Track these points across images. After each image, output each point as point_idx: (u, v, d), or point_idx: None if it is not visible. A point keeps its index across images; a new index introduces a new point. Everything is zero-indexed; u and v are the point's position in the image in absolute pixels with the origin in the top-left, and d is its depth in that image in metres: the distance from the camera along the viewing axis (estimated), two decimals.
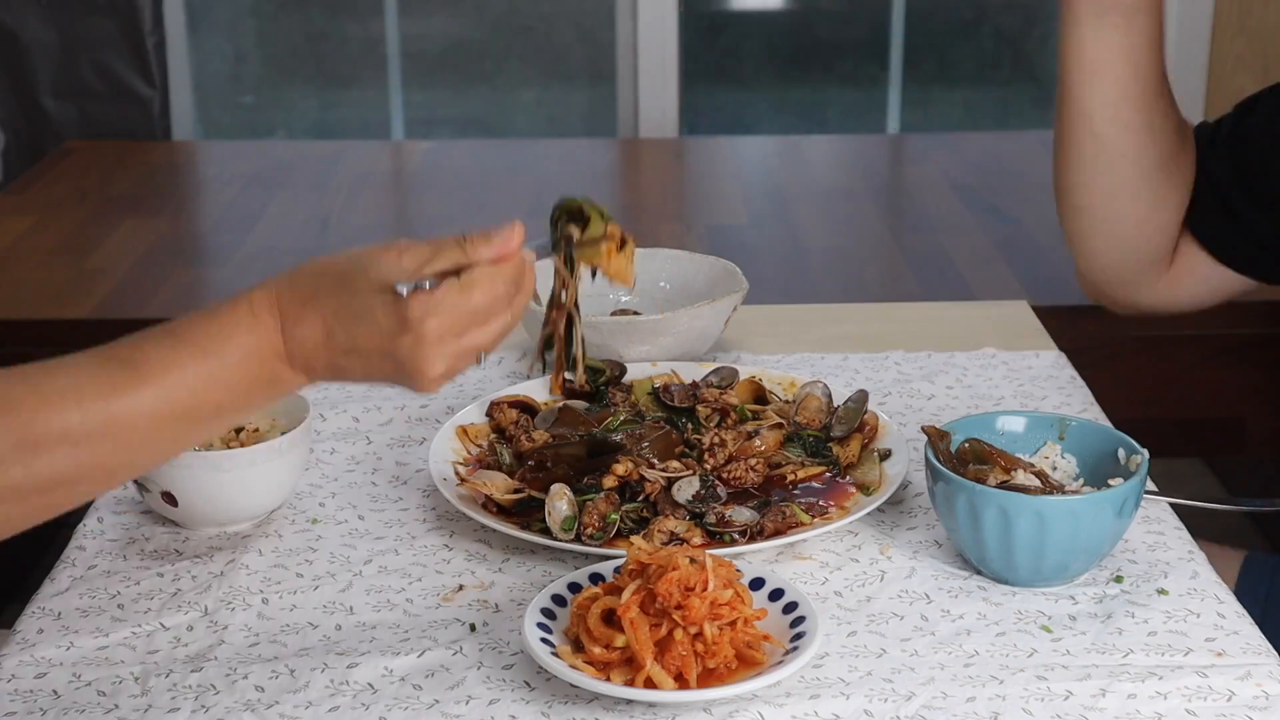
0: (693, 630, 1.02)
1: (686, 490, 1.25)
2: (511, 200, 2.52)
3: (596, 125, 3.48)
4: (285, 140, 3.49)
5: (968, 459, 1.22)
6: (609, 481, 1.25)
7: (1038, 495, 1.15)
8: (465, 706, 1.04)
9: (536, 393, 1.44)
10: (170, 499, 1.24)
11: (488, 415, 1.40)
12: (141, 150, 2.94)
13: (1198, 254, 1.54)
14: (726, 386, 1.42)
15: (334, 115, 3.56)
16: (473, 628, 1.13)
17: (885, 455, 1.32)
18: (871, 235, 2.40)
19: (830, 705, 1.04)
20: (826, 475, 1.31)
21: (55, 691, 1.07)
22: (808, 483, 1.30)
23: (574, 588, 1.11)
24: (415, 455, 1.40)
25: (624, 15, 3.25)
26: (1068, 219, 1.55)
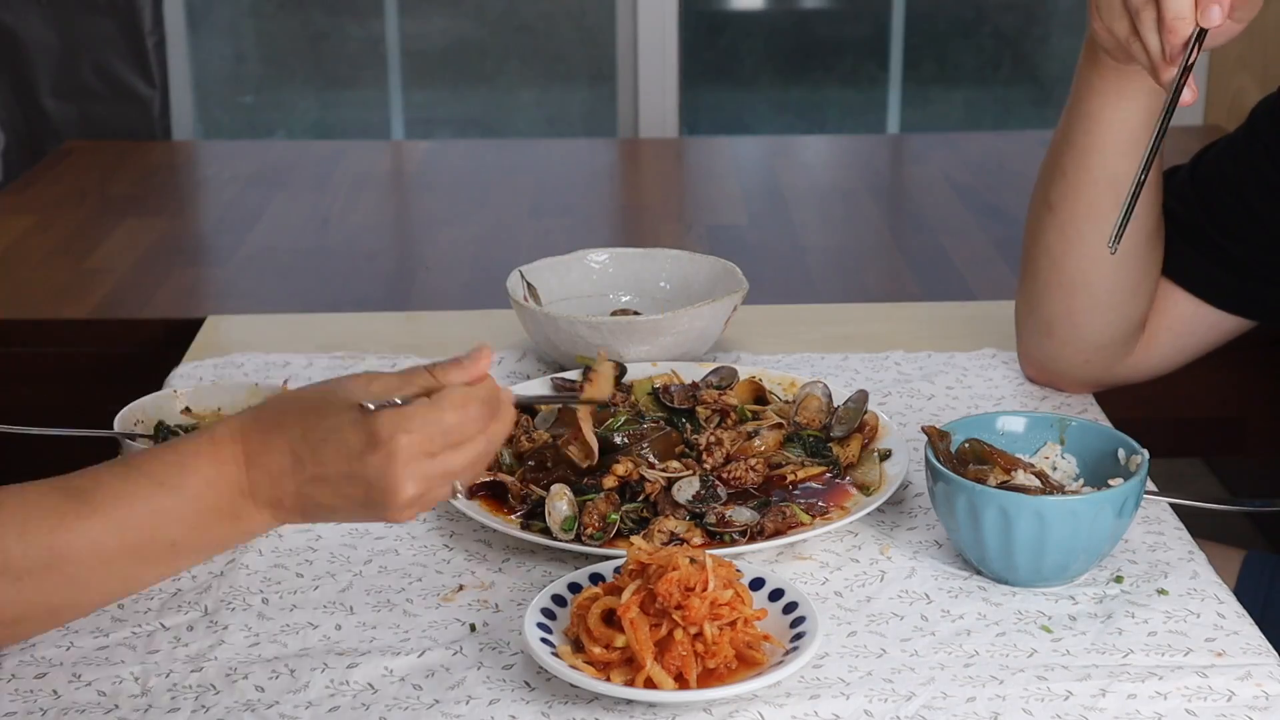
0: (693, 630, 1.02)
1: (686, 490, 1.25)
2: (511, 200, 2.52)
3: (596, 125, 3.48)
4: (285, 140, 3.49)
5: (968, 459, 1.22)
6: (609, 482, 1.25)
7: (1038, 495, 1.15)
8: (465, 706, 1.04)
9: (537, 393, 1.44)
10: None
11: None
12: (141, 150, 2.94)
13: (1173, 298, 1.46)
14: (726, 387, 1.42)
15: (334, 115, 3.56)
16: (473, 628, 1.13)
17: (885, 455, 1.32)
18: (871, 235, 2.40)
19: (830, 705, 1.04)
20: (826, 475, 1.31)
21: (55, 691, 1.07)
22: (808, 483, 1.30)
23: (574, 588, 1.11)
24: None
25: (624, 15, 3.25)
26: (1056, 299, 1.44)
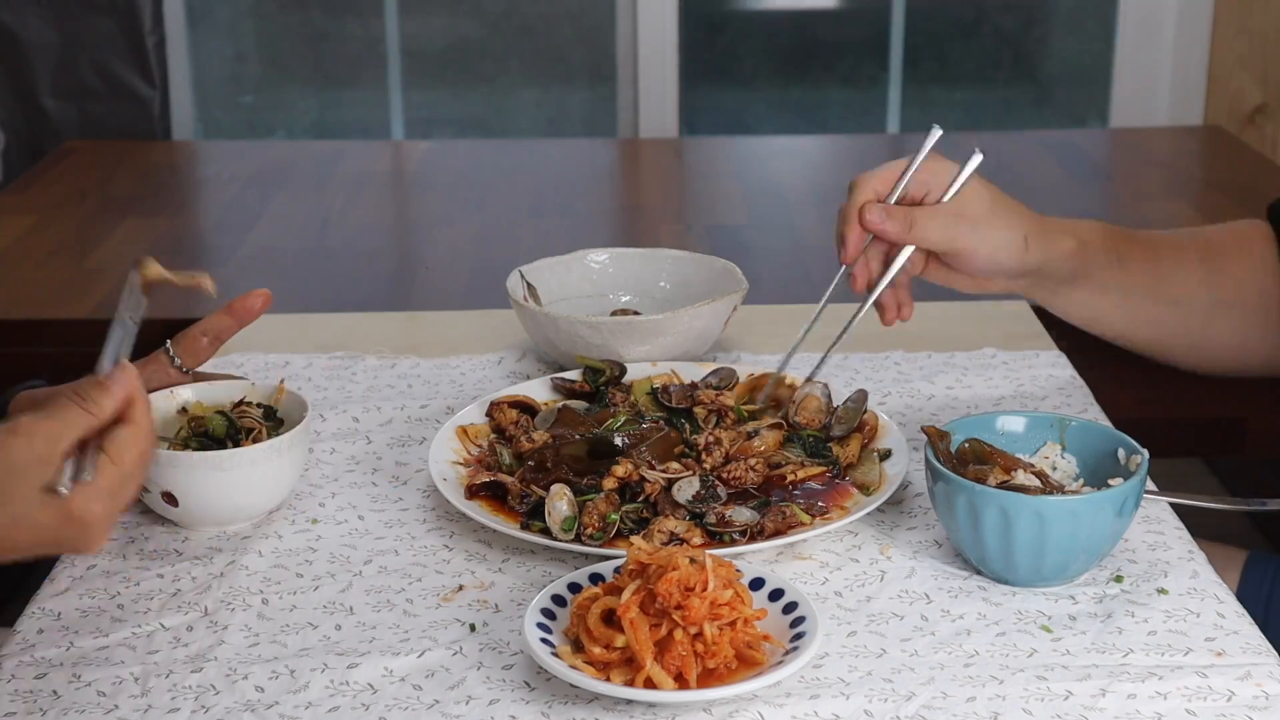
0: (693, 630, 1.02)
1: (686, 490, 1.25)
2: (511, 200, 2.52)
3: (596, 125, 3.48)
4: (285, 140, 3.49)
5: (968, 459, 1.22)
6: (609, 482, 1.25)
7: (1038, 495, 1.15)
8: (465, 707, 1.04)
9: (536, 393, 1.44)
10: (170, 499, 1.24)
11: (488, 415, 1.40)
12: (141, 150, 2.94)
13: None
14: (724, 388, 1.42)
15: (334, 115, 3.56)
16: (473, 628, 1.13)
17: (885, 455, 1.32)
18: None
19: (830, 705, 1.04)
20: (826, 475, 1.31)
21: (55, 691, 1.07)
22: (808, 483, 1.30)
23: (574, 588, 1.11)
24: (415, 455, 1.40)
25: (624, 15, 3.25)
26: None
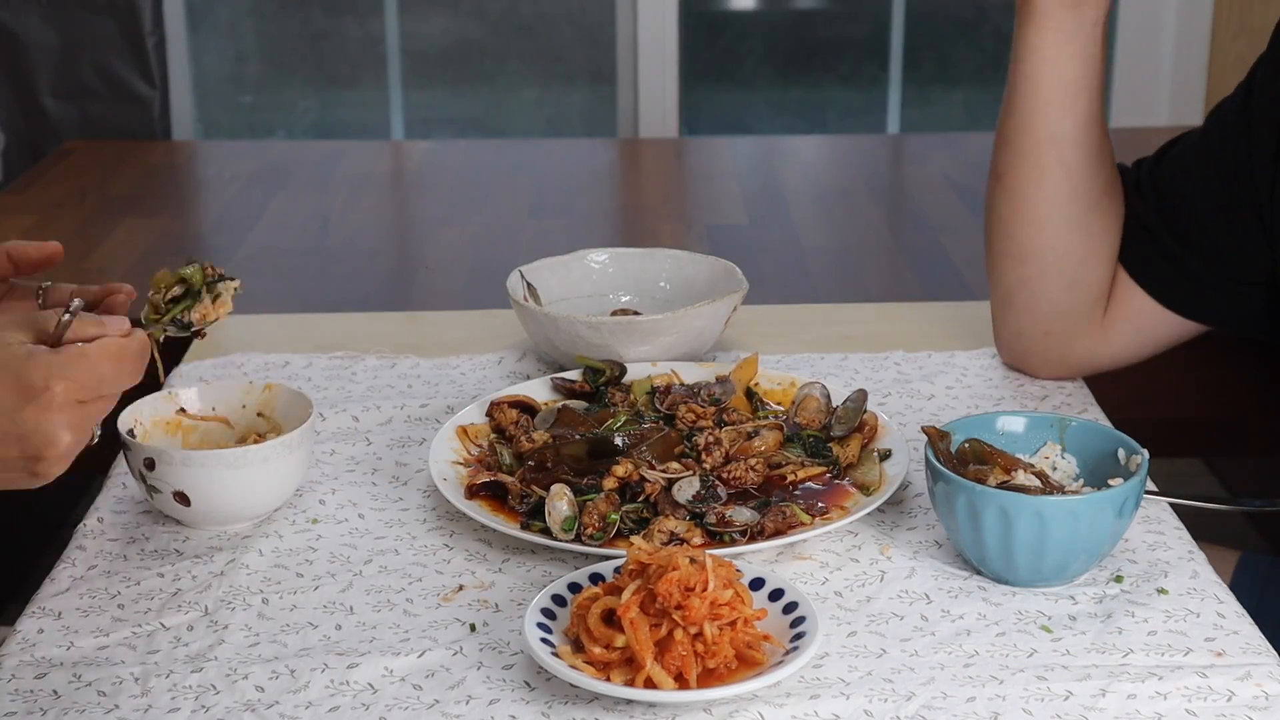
0: (693, 630, 1.02)
1: (687, 490, 1.25)
2: (511, 200, 2.52)
3: (596, 125, 3.48)
4: (285, 140, 3.49)
5: (968, 459, 1.22)
6: (609, 483, 1.25)
7: (1038, 495, 1.15)
8: (465, 707, 1.04)
9: (536, 393, 1.44)
10: (183, 499, 1.24)
11: (488, 415, 1.40)
12: (141, 150, 2.94)
13: (1134, 293, 1.49)
14: (719, 402, 1.40)
15: (334, 115, 3.56)
16: (473, 628, 1.13)
17: (885, 455, 1.32)
18: (871, 235, 2.40)
19: (830, 705, 1.04)
20: (826, 475, 1.31)
21: (55, 691, 1.07)
22: (807, 483, 1.30)
23: (574, 588, 1.11)
24: (415, 455, 1.40)
25: (624, 15, 3.25)
26: (1010, 268, 1.49)
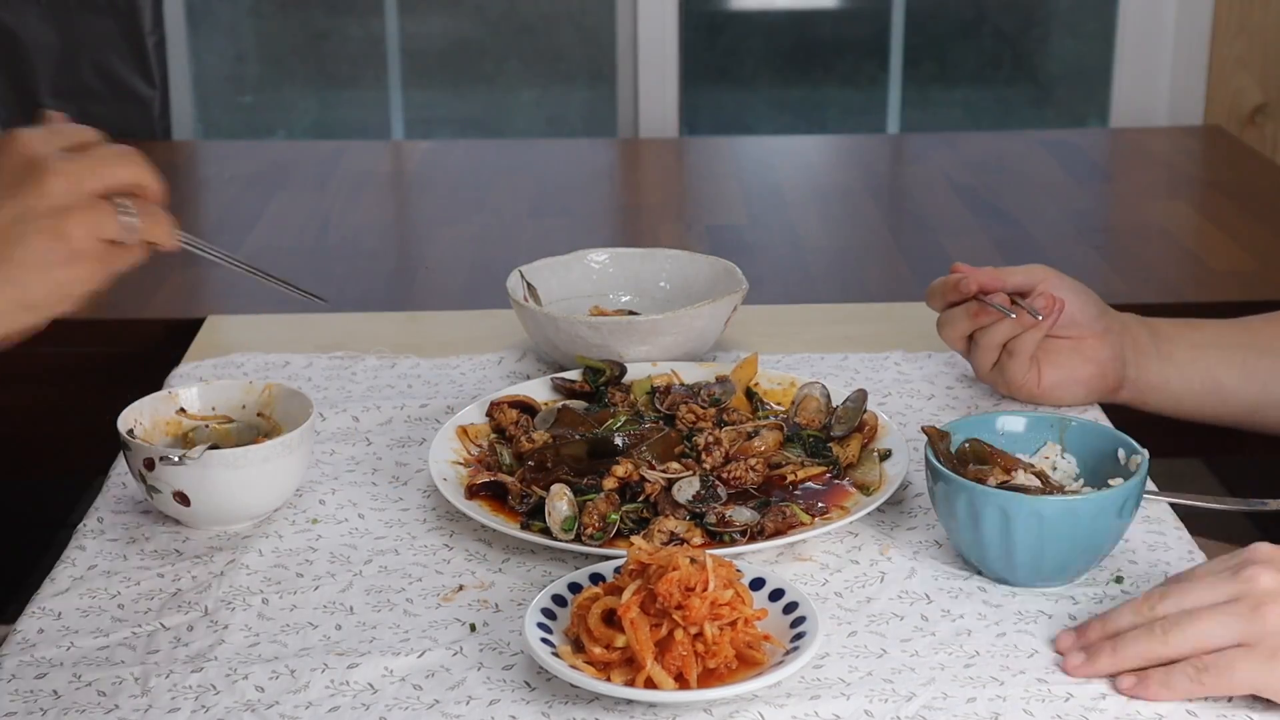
0: (693, 630, 1.02)
1: (687, 490, 1.25)
2: (511, 200, 2.51)
3: (596, 125, 3.48)
4: (285, 140, 3.49)
5: (968, 459, 1.22)
6: (609, 482, 1.25)
7: (1038, 495, 1.15)
8: (465, 707, 1.04)
9: (536, 393, 1.44)
10: (183, 499, 1.24)
11: (488, 415, 1.40)
12: (141, 150, 2.93)
13: None
14: (718, 403, 1.40)
15: (334, 115, 3.56)
16: (473, 628, 1.13)
17: (885, 455, 1.32)
18: (871, 235, 2.40)
19: (830, 705, 1.04)
20: (826, 475, 1.31)
21: (55, 691, 1.07)
22: (807, 483, 1.30)
23: (574, 588, 1.11)
24: (415, 455, 1.40)
25: (624, 15, 3.25)
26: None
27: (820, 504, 1.27)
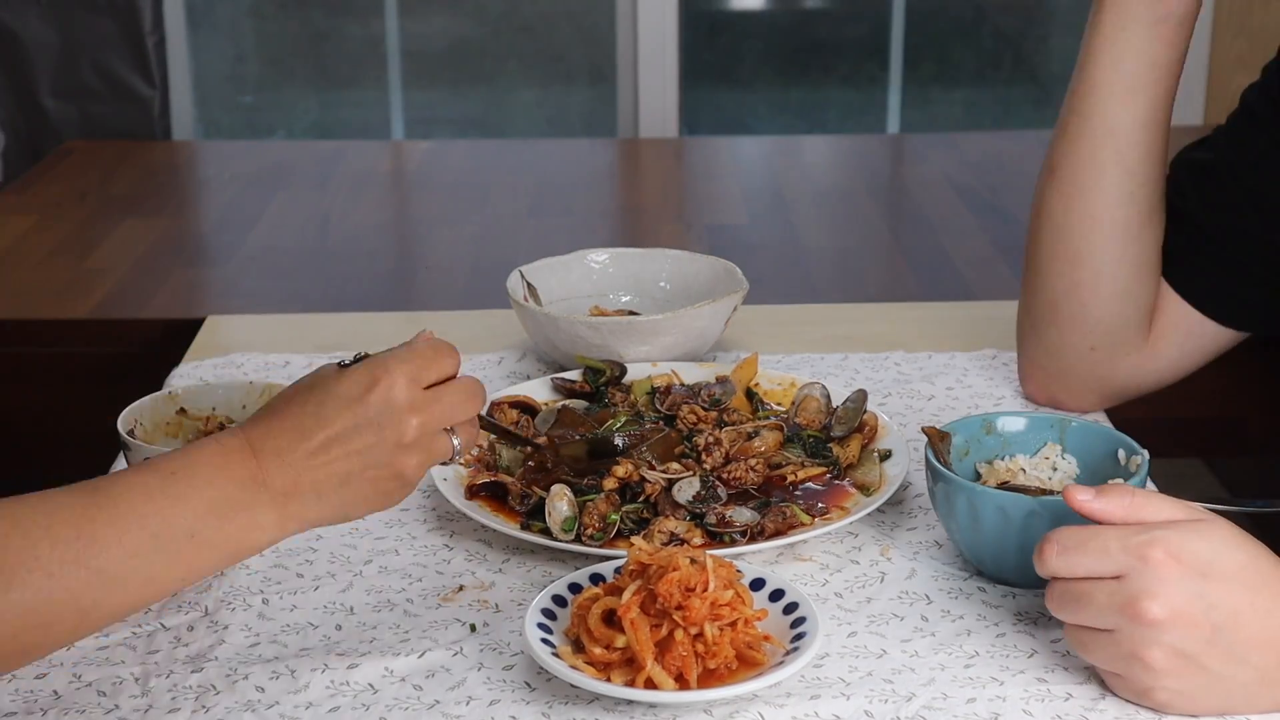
0: (693, 631, 1.02)
1: (687, 491, 1.25)
2: (511, 200, 2.52)
3: (596, 125, 3.49)
4: (285, 140, 3.50)
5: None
6: (609, 483, 1.25)
7: (1038, 495, 1.15)
8: (466, 707, 1.04)
9: (536, 393, 1.44)
10: None
11: (488, 415, 1.40)
12: (141, 150, 2.94)
13: (1177, 306, 1.43)
14: (719, 403, 1.40)
15: (334, 115, 3.57)
16: (473, 628, 1.13)
17: (885, 456, 1.32)
18: (871, 235, 2.40)
19: (830, 706, 1.04)
20: (826, 476, 1.31)
21: (55, 691, 1.07)
22: (807, 483, 1.30)
23: (574, 588, 1.11)
24: None
25: (624, 15, 3.25)
26: (1060, 271, 1.39)
27: (820, 504, 1.27)
